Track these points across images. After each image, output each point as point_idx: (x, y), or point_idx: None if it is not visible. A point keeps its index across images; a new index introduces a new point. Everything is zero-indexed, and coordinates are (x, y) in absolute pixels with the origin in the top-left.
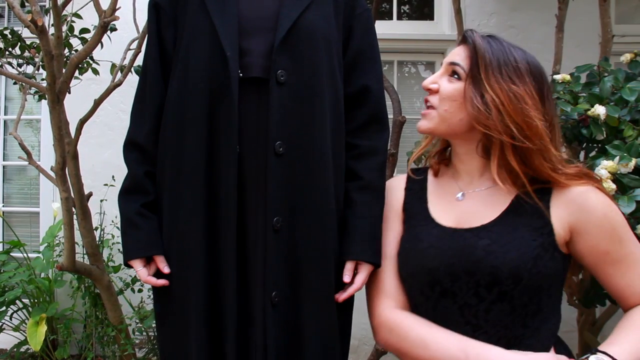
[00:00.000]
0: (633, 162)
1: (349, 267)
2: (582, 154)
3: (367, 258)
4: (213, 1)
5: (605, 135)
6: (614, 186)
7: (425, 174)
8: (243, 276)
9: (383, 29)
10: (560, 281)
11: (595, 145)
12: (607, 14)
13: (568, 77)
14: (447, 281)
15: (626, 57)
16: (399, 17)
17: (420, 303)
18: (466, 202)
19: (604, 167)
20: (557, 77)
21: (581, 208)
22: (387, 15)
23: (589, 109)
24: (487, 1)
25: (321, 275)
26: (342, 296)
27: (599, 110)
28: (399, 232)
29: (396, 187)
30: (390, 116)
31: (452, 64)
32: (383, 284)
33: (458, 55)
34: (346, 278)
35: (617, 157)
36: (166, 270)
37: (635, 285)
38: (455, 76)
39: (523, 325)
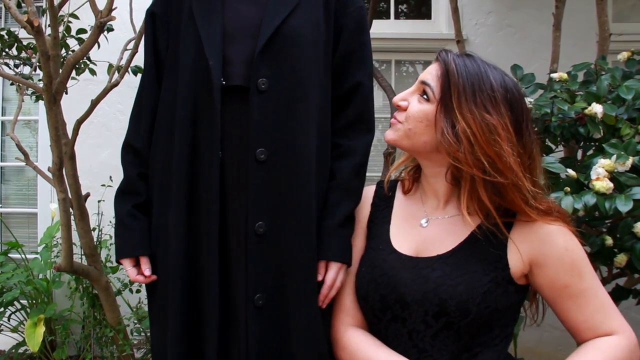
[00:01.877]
0: (630, 161)
1: (320, 266)
2: (579, 153)
3: (333, 257)
4: (200, 11)
5: (602, 134)
6: (611, 185)
7: (395, 188)
8: (226, 279)
9: (380, 28)
10: (514, 311)
11: (592, 143)
12: (604, 12)
13: (565, 76)
14: (398, 308)
15: (623, 56)
16: (397, 17)
17: (373, 323)
18: (429, 229)
19: (601, 166)
20: (554, 75)
21: (542, 241)
22: (385, 15)
23: (586, 108)
24: (484, 0)
25: (306, 278)
26: (321, 297)
27: (596, 108)
28: (361, 249)
29: (364, 200)
30: (388, 115)
31: (423, 83)
32: (343, 300)
33: (430, 74)
34: (318, 277)
35: (614, 156)
36: (147, 272)
37: (590, 321)
38: (425, 96)
39: (468, 350)
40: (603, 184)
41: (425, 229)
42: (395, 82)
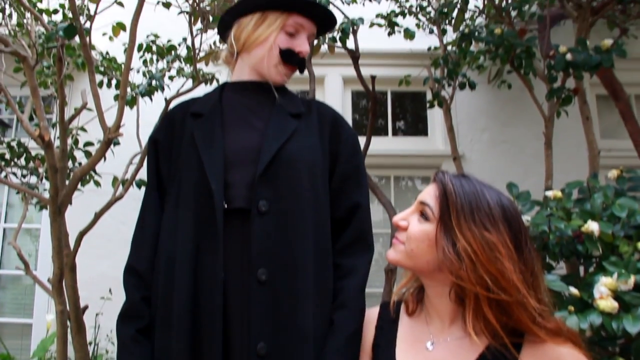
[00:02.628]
0: (632, 279)
1: None
2: (581, 269)
3: None
4: (202, 137)
5: (601, 251)
6: (616, 304)
7: (399, 310)
8: None
9: (379, 144)
10: None
11: (593, 260)
12: (591, 131)
13: (559, 194)
14: None
15: (613, 174)
16: (394, 133)
17: None
18: (435, 353)
19: (604, 284)
20: (548, 193)
21: None
22: (383, 131)
23: (582, 225)
24: (478, 117)
25: None
26: None
27: (592, 226)
28: None
29: (368, 323)
30: (387, 230)
31: (422, 203)
32: None
33: (428, 194)
34: None
35: (616, 274)
36: None
37: None
38: (424, 216)
39: None
40: (608, 304)
41: (431, 352)
42: (394, 197)
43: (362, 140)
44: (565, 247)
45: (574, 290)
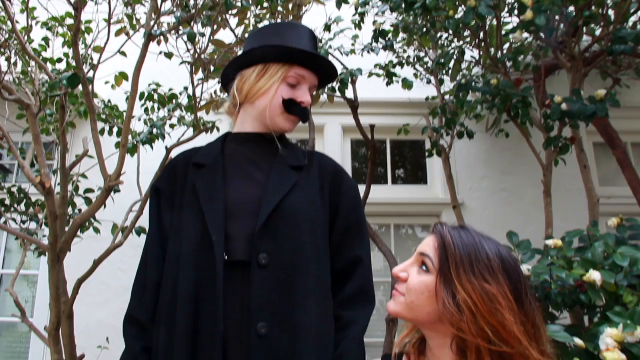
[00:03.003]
0: (639, 331)
1: None
2: (586, 319)
3: None
4: (204, 188)
5: (605, 301)
6: (623, 357)
7: None
8: None
9: (379, 193)
10: None
11: (597, 309)
12: (589, 179)
13: (560, 243)
14: None
15: (613, 222)
16: (394, 182)
17: None
18: None
19: (609, 336)
20: (549, 242)
21: None
22: (383, 180)
23: (584, 274)
24: (477, 166)
25: None
26: None
27: (595, 275)
28: None
29: None
30: (388, 279)
31: (422, 254)
32: None
33: (428, 246)
34: None
35: (621, 325)
36: None
37: None
38: (424, 268)
39: None
40: (615, 356)
41: None
42: (394, 245)
43: (361, 188)
44: (568, 297)
45: (579, 342)
